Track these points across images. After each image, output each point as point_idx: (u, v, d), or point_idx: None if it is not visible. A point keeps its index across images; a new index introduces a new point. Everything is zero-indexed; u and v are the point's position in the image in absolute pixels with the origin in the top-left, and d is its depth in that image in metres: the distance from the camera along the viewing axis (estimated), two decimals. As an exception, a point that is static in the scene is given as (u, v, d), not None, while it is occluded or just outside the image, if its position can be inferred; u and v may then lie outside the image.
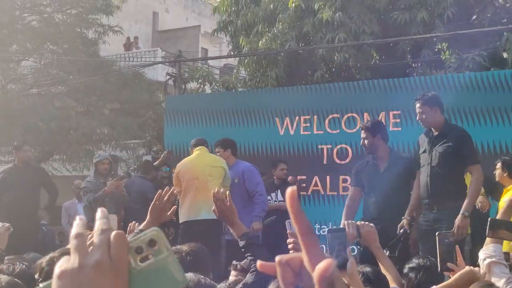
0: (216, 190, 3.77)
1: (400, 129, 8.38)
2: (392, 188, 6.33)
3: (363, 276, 3.57)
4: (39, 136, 15.57)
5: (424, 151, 6.06)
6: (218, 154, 7.54)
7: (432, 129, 6.03)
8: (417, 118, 6.08)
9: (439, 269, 3.28)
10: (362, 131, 6.53)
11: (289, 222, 3.17)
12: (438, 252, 3.28)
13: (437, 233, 3.37)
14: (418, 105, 5.98)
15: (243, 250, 3.70)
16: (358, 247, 6.29)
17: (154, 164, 10.61)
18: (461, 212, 5.61)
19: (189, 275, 2.83)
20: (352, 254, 6.15)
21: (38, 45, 16.61)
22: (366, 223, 3.43)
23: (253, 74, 14.52)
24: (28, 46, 16.61)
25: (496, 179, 6.96)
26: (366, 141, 6.47)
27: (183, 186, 7.55)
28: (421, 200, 6.13)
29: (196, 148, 7.75)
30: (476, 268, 3.13)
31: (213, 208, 3.89)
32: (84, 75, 16.03)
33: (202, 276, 2.87)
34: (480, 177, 5.78)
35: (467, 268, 3.13)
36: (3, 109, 14.99)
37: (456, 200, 5.72)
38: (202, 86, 17.37)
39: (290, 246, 3.17)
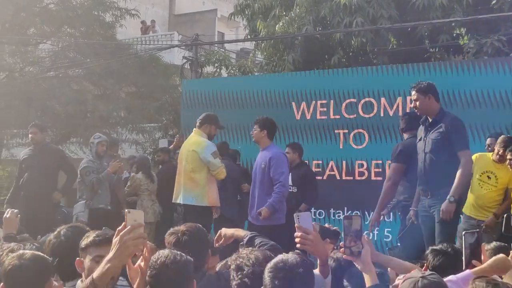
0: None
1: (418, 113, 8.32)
2: None
3: None
4: (56, 119, 15.68)
5: (420, 139, 6.17)
6: (254, 132, 7.33)
7: (428, 117, 6.10)
8: (412, 105, 6.26)
9: (463, 267, 3.33)
10: None
11: (297, 216, 3.19)
12: (464, 251, 3.35)
13: (463, 232, 3.43)
14: (412, 93, 6.11)
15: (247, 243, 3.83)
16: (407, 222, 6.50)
17: (169, 147, 10.66)
18: (447, 197, 5.71)
19: (165, 252, 2.97)
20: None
21: (56, 28, 16.67)
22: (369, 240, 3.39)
23: (269, 58, 14.49)
24: (45, 29, 16.67)
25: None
26: None
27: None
28: (418, 187, 6.19)
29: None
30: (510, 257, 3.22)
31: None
32: (101, 58, 16.07)
33: (179, 253, 2.97)
34: (468, 162, 5.88)
35: (502, 255, 3.23)
36: (21, 92, 15.09)
37: (449, 185, 5.78)
38: (218, 70, 17.40)
39: (297, 240, 3.17)
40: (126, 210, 2.85)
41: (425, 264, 3.78)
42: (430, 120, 6.06)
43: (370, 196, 8.92)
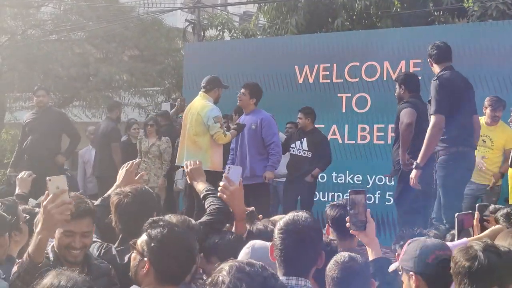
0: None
1: (420, 77, 8.29)
2: None
3: None
4: (59, 82, 15.64)
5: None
6: (242, 97, 7.51)
7: None
8: None
9: (456, 238, 3.44)
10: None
11: (229, 167, 3.56)
12: (456, 231, 3.46)
13: (456, 214, 3.52)
14: None
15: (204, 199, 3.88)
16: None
17: (171, 112, 10.60)
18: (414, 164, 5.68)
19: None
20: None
21: (57, -9, 16.55)
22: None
23: (272, 21, 14.39)
24: (47, -8, 16.55)
25: None
26: None
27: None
28: None
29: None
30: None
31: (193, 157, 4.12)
32: (103, 21, 15.98)
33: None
34: (433, 127, 5.60)
35: (499, 226, 3.32)
36: (23, 55, 15.03)
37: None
38: (221, 33, 17.28)
39: (219, 188, 3.51)
40: (47, 178, 2.78)
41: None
42: None
43: (372, 160, 9.00)
